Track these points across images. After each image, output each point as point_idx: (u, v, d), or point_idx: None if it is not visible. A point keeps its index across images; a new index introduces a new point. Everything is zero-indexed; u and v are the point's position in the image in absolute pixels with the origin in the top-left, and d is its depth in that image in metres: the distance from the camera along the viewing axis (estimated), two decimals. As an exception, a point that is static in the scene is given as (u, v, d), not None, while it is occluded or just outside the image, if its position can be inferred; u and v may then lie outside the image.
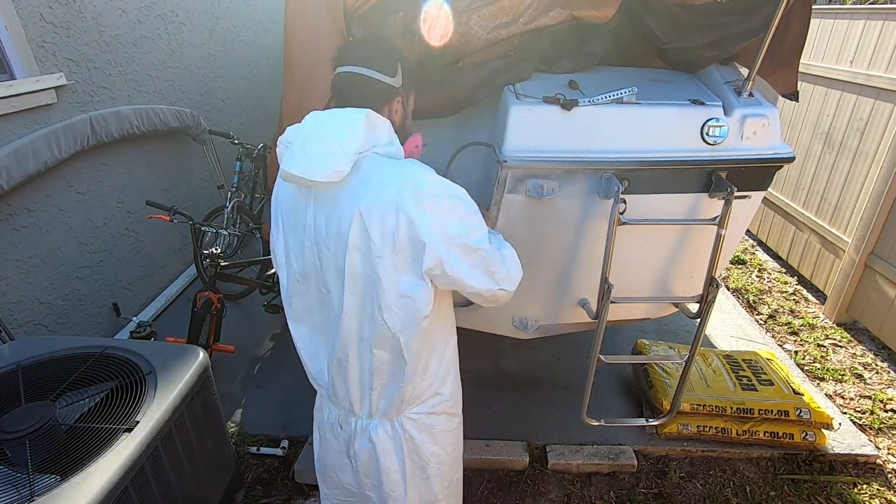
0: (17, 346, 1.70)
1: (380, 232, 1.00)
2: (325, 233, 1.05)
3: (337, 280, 1.08)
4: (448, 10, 1.68)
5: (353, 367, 1.16)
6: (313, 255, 1.09)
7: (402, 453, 1.25)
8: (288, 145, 1.05)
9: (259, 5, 4.73)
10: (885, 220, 3.02)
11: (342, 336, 1.12)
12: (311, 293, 1.15)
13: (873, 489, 2.21)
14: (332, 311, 1.13)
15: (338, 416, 1.28)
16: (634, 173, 1.76)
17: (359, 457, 1.26)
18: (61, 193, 2.57)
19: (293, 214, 1.10)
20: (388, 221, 1.00)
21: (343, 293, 1.08)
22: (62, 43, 2.54)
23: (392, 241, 1.01)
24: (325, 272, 1.09)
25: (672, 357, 2.54)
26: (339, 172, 0.99)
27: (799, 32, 1.83)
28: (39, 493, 1.20)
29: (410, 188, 1.00)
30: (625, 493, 2.18)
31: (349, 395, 1.20)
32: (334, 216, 1.03)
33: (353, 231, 1.01)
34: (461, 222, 1.04)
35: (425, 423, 1.26)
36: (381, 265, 1.02)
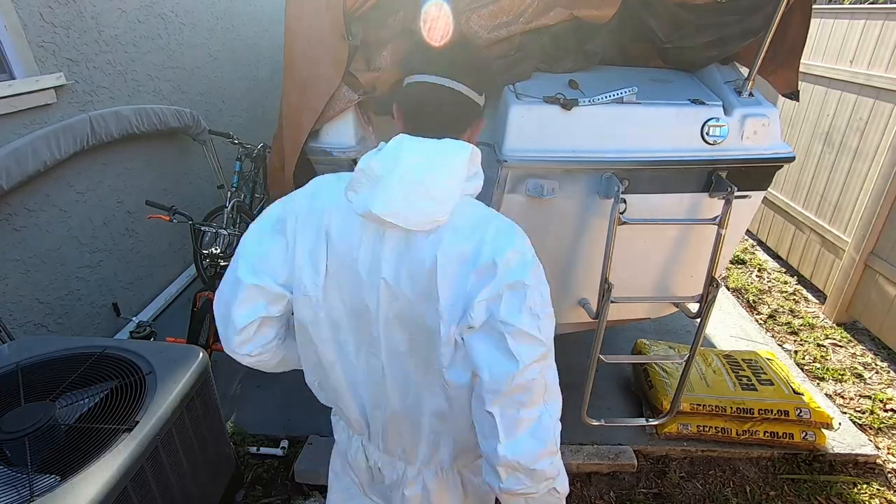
0: (17, 346, 1.70)
1: (451, 290, 0.87)
2: (393, 276, 0.90)
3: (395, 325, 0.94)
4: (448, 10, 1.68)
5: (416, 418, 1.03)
6: (372, 295, 0.93)
7: (458, 498, 1.14)
8: (372, 176, 0.85)
9: (259, 5, 4.73)
10: (885, 219, 3.02)
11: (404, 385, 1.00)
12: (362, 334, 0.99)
13: (873, 489, 2.21)
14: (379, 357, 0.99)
15: (378, 458, 1.15)
16: (635, 173, 1.76)
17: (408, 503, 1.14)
18: (61, 193, 2.57)
19: (348, 247, 0.92)
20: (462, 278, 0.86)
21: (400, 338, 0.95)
22: (62, 43, 2.53)
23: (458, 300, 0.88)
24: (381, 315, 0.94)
25: (672, 357, 2.53)
26: (438, 222, 0.85)
27: (799, 32, 1.83)
28: (39, 493, 1.20)
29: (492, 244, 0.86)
30: (625, 493, 2.18)
31: (403, 444, 1.08)
32: (406, 260, 0.89)
33: (424, 280, 0.88)
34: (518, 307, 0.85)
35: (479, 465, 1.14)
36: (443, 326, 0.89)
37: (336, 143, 1.78)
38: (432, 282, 0.87)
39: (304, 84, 1.70)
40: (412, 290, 0.89)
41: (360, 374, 1.04)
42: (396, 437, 1.08)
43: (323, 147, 1.79)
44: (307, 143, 1.79)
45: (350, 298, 0.96)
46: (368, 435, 1.13)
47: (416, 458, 1.09)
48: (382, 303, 0.92)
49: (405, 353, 0.97)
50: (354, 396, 1.07)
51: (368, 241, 0.90)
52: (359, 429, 1.14)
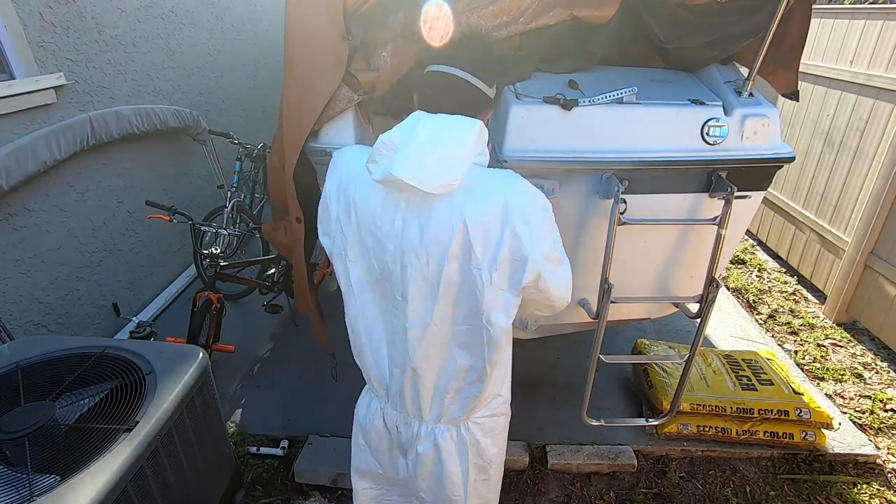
0: (17, 346, 1.70)
1: (482, 244, 0.98)
2: (418, 241, 1.00)
3: (424, 289, 1.04)
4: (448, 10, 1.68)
5: (431, 375, 1.13)
6: (395, 260, 1.04)
7: (466, 458, 1.23)
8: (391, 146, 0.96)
9: (259, 5, 4.73)
10: (885, 219, 3.02)
11: (424, 343, 1.09)
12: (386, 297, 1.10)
13: (873, 489, 2.21)
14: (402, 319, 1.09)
15: (396, 418, 1.24)
16: (634, 173, 1.76)
17: (421, 460, 1.23)
18: (61, 193, 2.57)
19: (372, 215, 1.03)
20: (493, 234, 0.98)
21: (431, 302, 1.05)
22: (62, 43, 2.53)
23: (494, 254, 0.99)
24: (408, 281, 1.04)
25: (672, 357, 2.54)
26: (451, 186, 0.95)
27: (799, 32, 1.83)
28: (39, 493, 1.20)
29: (516, 202, 0.98)
30: (625, 493, 2.18)
31: (419, 400, 1.17)
32: (431, 225, 0.99)
33: (455, 242, 0.98)
34: (553, 236, 1.04)
35: (488, 426, 1.25)
36: (479, 277, 1.00)
37: (336, 143, 1.78)
38: (463, 241, 0.98)
39: (304, 84, 1.70)
40: (439, 253, 0.99)
41: (382, 334, 1.14)
42: (413, 395, 1.16)
43: (323, 147, 1.79)
44: (307, 143, 1.79)
45: (377, 263, 1.06)
46: (387, 395, 1.22)
47: (430, 414, 1.19)
48: (409, 267, 1.02)
49: (430, 314, 1.06)
50: (375, 355, 1.18)
51: (390, 210, 1.01)
52: (378, 388, 1.23)
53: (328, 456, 2.23)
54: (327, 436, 2.34)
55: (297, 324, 3.02)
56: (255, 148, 3.71)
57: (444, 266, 1.00)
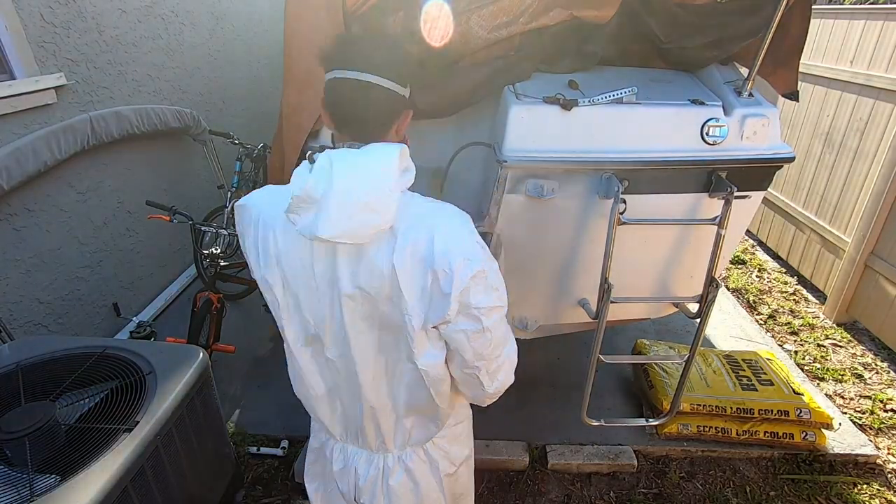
0: (17, 346, 1.70)
1: (412, 290, 0.92)
2: (350, 284, 0.94)
3: (365, 330, 1.00)
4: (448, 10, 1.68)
5: (388, 409, 1.10)
6: (333, 307, 0.99)
7: (438, 471, 1.22)
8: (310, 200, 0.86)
9: (259, 5, 4.73)
10: (885, 220, 3.02)
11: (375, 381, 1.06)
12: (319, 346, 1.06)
13: (873, 489, 2.21)
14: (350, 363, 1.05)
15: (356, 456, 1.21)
16: (634, 173, 1.76)
17: (395, 492, 1.20)
18: (61, 193, 2.57)
19: (302, 265, 0.97)
20: (419, 281, 0.92)
21: (373, 343, 1.02)
22: (62, 43, 2.53)
23: (424, 299, 0.93)
24: (347, 324, 0.99)
25: (672, 357, 2.54)
26: (382, 228, 0.88)
27: (799, 32, 1.83)
28: (39, 493, 1.20)
29: (442, 244, 0.90)
30: (625, 493, 2.18)
31: (382, 435, 1.14)
32: (361, 270, 0.93)
33: (386, 286, 0.93)
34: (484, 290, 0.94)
35: (454, 434, 1.25)
36: (408, 321, 0.95)
37: (336, 144, 1.78)
38: (393, 285, 0.92)
39: (304, 84, 1.70)
40: (374, 295, 0.94)
41: (335, 379, 1.11)
42: (375, 430, 1.14)
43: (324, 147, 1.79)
44: (307, 143, 1.79)
45: (313, 312, 1.01)
46: (346, 435, 1.19)
47: (394, 445, 1.17)
48: (346, 311, 0.98)
49: (376, 350, 1.03)
50: (330, 401, 1.14)
51: (320, 256, 0.95)
52: (335, 432, 1.20)
53: (328, 456, 2.23)
54: (327, 436, 2.34)
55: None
56: (255, 148, 3.71)
57: (378, 309, 0.96)
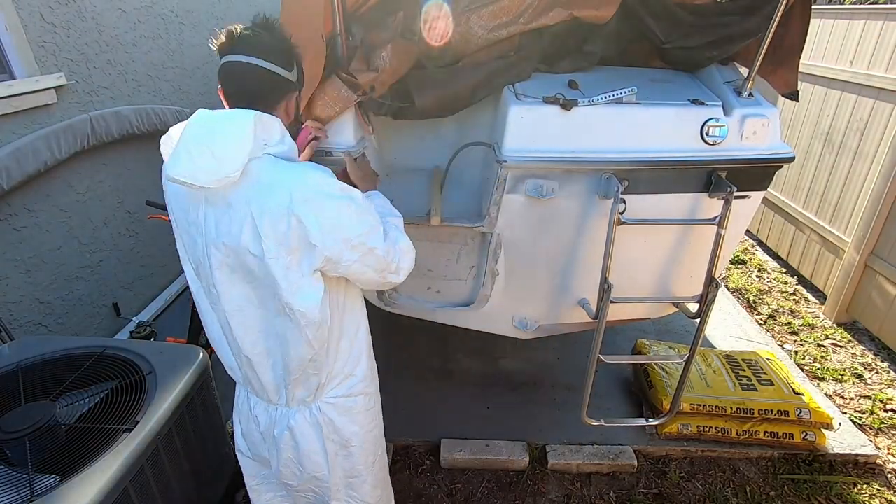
0: (17, 346, 1.70)
1: (273, 236, 1.00)
2: (215, 234, 1.03)
3: (232, 278, 1.08)
4: (448, 10, 1.68)
5: (264, 362, 1.17)
6: (204, 254, 1.07)
7: (321, 436, 1.28)
8: (171, 143, 1.02)
9: (259, 5, 4.73)
10: (885, 220, 3.02)
11: (247, 332, 1.13)
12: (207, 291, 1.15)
13: (873, 489, 2.21)
14: (220, 310, 1.13)
15: (255, 404, 1.30)
16: (634, 173, 1.76)
17: (279, 443, 1.28)
18: (61, 193, 2.57)
19: (184, 212, 1.08)
20: (280, 226, 1.00)
21: (241, 291, 1.09)
22: (62, 43, 2.54)
23: (286, 244, 1.01)
24: (215, 272, 1.07)
25: (672, 357, 2.54)
26: (228, 179, 0.96)
27: (799, 32, 1.83)
28: (39, 493, 1.20)
29: (301, 191, 1.00)
30: (625, 493, 2.18)
31: (264, 387, 1.22)
32: (225, 218, 1.02)
33: (246, 235, 1.00)
34: (356, 223, 1.06)
35: (344, 406, 1.30)
36: (275, 266, 1.02)
37: (336, 143, 1.79)
38: (253, 233, 1.00)
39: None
40: (234, 245, 1.02)
41: (217, 325, 1.19)
42: (257, 382, 1.21)
43: (323, 147, 1.79)
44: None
45: (193, 258, 1.12)
46: (242, 382, 1.28)
47: (279, 398, 1.24)
48: (213, 261, 1.06)
49: (252, 302, 1.10)
50: (219, 347, 1.23)
51: (195, 204, 1.05)
52: (235, 376, 1.28)
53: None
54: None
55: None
56: (255, 148, 3.71)
57: (242, 258, 1.03)
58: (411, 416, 2.47)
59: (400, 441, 2.35)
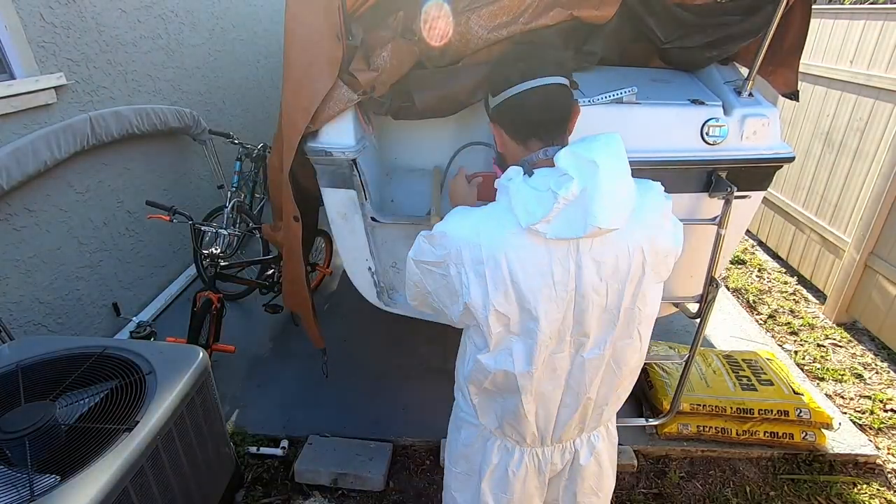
0: (17, 346, 1.70)
1: (654, 255, 0.99)
2: (597, 278, 0.97)
3: (603, 320, 1.03)
4: (448, 10, 1.68)
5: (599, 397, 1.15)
6: (573, 304, 1.00)
7: (614, 446, 1.34)
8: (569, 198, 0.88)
9: (259, 5, 4.73)
10: (885, 220, 3.02)
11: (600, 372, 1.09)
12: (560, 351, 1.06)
13: (873, 489, 2.21)
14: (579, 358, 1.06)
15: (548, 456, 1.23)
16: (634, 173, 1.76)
17: (584, 472, 1.26)
18: (61, 193, 2.57)
19: (540, 276, 0.96)
20: (657, 243, 0.99)
21: (609, 332, 1.04)
22: (62, 43, 2.54)
23: (657, 262, 1.00)
24: (590, 319, 1.01)
25: (672, 357, 2.54)
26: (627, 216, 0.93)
27: (799, 32, 1.83)
28: (39, 493, 1.20)
29: (662, 207, 1.01)
30: (625, 493, 2.18)
31: (585, 422, 1.18)
32: (607, 257, 0.96)
33: (634, 263, 0.98)
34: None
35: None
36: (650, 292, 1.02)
37: (336, 144, 1.79)
38: (642, 262, 0.98)
39: (300, 83, 1.70)
40: (618, 283, 0.98)
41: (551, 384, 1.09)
42: (581, 419, 1.16)
43: (323, 147, 1.79)
44: (307, 143, 1.79)
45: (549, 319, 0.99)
46: (542, 440, 1.19)
47: (590, 426, 1.21)
48: (589, 306, 0.99)
49: (606, 343, 1.05)
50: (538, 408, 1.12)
51: (562, 260, 0.96)
52: (532, 440, 1.19)
53: (328, 456, 2.23)
54: (327, 436, 2.34)
55: (296, 324, 3.02)
56: (255, 148, 3.71)
57: (623, 293, 1.00)
58: (411, 416, 2.47)
59: (400, 441, 2.35)
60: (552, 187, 0.89)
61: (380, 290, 2.14)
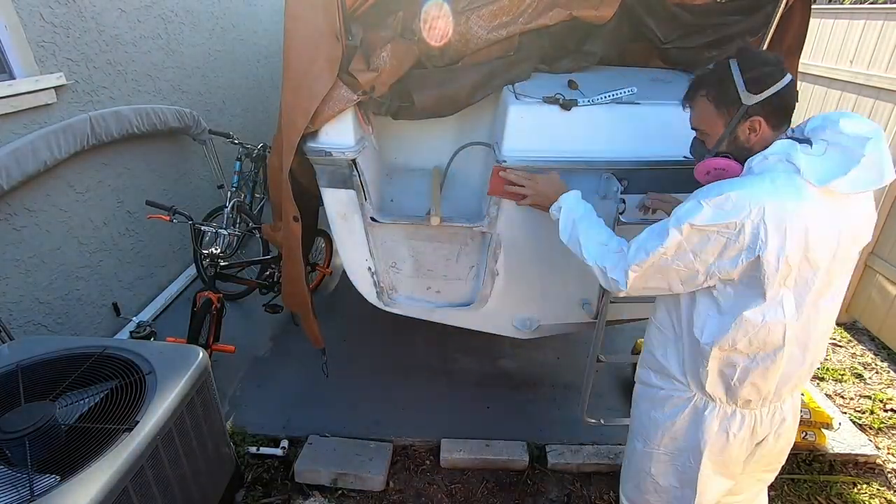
0: (17, 346, 1.70)
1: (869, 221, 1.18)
2: (848, 234, 1.13)
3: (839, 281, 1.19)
4: (448, 10, 1.69)
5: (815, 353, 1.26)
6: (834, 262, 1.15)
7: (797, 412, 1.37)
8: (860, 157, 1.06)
9: (259, 5, 4.73)
10: (885, 219, 3.02)
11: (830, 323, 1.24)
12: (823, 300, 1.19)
13: (873, 489, 2.21)
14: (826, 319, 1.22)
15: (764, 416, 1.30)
16: (634, 173, 1.76)
17: (780, 433, 1.34)
18: (61, 193, 2.57)
19: (828, 228, 1.11)
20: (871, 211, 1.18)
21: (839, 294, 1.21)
22: (62, 43, 2.54)
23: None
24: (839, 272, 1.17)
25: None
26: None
27: (798, 32, 1.83)
28: (39, 493, 1.20)
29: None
30: (625, 493, 2.18)
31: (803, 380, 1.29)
32: (853, 217, 1.13)
33: (865, 225, 1.17)
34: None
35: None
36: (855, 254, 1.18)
37: (336, 143, 1.79)
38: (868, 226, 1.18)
39: (299, 83, 1.70)
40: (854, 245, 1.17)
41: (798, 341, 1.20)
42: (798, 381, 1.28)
43: (323, 147, 1.79)
44: (307, 143, 1.79)
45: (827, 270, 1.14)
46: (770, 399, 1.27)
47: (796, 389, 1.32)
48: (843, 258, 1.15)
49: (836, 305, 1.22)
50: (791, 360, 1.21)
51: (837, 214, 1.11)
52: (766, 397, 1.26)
53: (328, 456, 2.23)
54: (327, 436, 2.34)
55: (297, 323, 3.02)
56: (255, 148, 3.71)
57: (854, 257, 1.18)
58: (411, 416, 2.47)
59: (400, 441, 2.35)
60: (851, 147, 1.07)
61: (380, 290, 2.14)
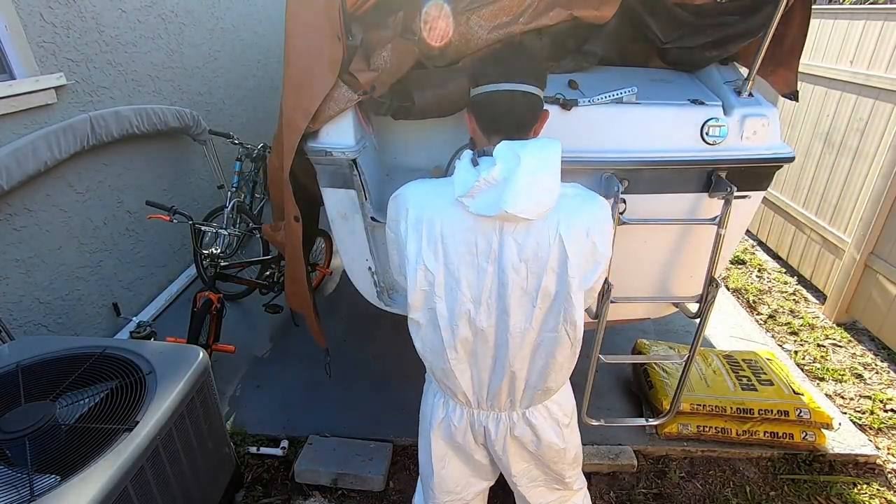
0: (17, 346, 1.70)
1: (575, 254, 1.09)
2: (517, 259, 1.09)
3: (523, 300, 1.14)
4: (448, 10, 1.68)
5: (524, 373, 1.24)
6: (496, 280, 1.12)
7: (557, 424, 1.37)
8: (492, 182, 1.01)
9: (259, 5, 4.73)
10: (885, 220, 3.02)
11: (522, 349, 1.20)
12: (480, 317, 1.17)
13: (873, 489, 2.21)
14: (502, 332, 1.18)
15: (485, 417, 1.34)
16: (634, 173, 1.76)
17: (517, 442, 1.36)
18: (61, 193, 2.57)
19: (466, 243, 1.10)
20: (583, 245, 1.10)
21: (529, 312, 1.15)
22: (62, 43, 2.54)
23: (580, 263, 1.11)
24: (509, 296, 1.13)
25: (672, 357, 2.53)
26: (549, 208, 1.05)
27: (799, 32, 1.83)
28: (39, 493, 1.20)
29: (596, 216, 1.11)
30: (625, 493, 2.18)
31: (514, 396, 1.28)
32: (528, 243, 1.08)
33: (553, 256, 1.08)
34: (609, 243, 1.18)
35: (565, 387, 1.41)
36: (572, 284, 1.11)
37: (336, 143, 1.79)
38: (560, 252, 1.09)
39: (300, 84, 1.70)
40: (537, 267, 1.10)
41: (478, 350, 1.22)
42: (510, 393, 1.27)
43: (323, 147, 1.79)
44: (307, 143, 1.79)
45: (471, 286, 1.14)
46: (477, 402, 1.31)
47: (520, 405, 1.31)
48: (509, 283, 1.11)
49: (528, 322, 1.16)
50: (462, 375, 1.25)
51: (486, 234, 1.09)
52: (465, 400, 1.31)
53: (328, 456, 2.23)
54: (327, 436, 2.34)
55: (297, 324, 3.02)
56: (255, 148, 3.71)
57: (542, 278, 1.10)
58: (411, 416, 2.46)
59: (400, 441, 2.35)
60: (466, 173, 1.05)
61: (380, 290, 2.14)
